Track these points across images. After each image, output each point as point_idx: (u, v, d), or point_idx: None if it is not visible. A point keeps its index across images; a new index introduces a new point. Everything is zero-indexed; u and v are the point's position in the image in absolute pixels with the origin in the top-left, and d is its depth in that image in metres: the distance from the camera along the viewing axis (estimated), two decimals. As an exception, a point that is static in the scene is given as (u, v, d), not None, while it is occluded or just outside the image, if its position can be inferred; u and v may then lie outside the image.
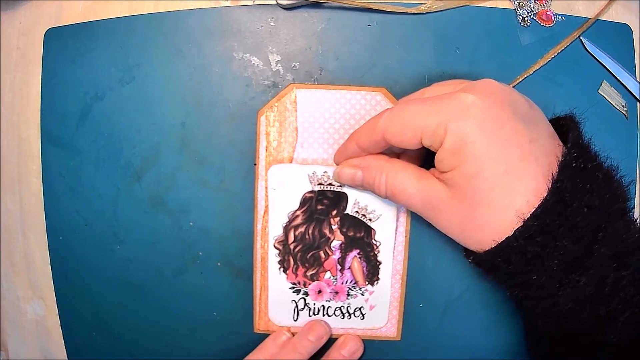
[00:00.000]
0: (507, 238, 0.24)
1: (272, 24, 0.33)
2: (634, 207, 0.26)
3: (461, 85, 0.26)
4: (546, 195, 0.23)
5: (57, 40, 0.34)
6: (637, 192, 0.34)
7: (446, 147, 0.24)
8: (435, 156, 0.25)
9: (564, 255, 0.23)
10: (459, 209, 0.25)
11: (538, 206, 0.23)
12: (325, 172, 0.33)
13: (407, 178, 0.27)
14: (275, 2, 0.32)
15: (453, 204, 0.25)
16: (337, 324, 0.34)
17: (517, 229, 0.23)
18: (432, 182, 0.26)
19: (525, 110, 0.25)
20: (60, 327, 0.36)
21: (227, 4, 0.33)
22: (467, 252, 0.27)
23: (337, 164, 0.32)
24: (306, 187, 0.33)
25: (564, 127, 0.26)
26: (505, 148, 0.24)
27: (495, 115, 0.24)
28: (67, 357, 0.36)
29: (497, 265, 0.25)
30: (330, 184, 0.33)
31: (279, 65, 0.33)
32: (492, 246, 0.24)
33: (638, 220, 0.25)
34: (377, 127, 0.27)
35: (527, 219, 0.23)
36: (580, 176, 0.23)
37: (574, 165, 0.23)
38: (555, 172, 0.23)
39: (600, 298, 0.23)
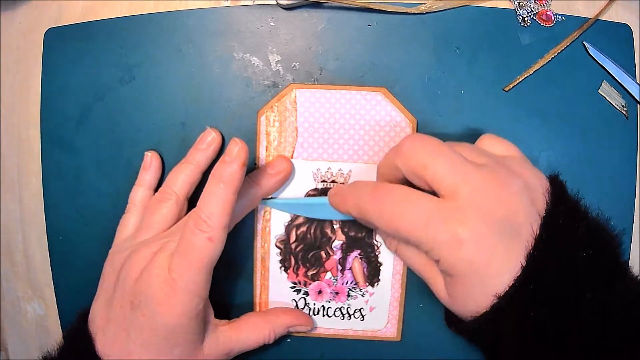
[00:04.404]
0: (482, 315, 0.24)
1: (272, 24, 0.33)
2: (619, 267, 0.25)
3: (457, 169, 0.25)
4: (511, 285, 0.23)
5: (57, 40, 0.34)
6: (637, 193, 0.34)
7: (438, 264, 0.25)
8: None
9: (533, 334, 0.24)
10: (443, 291, 0.27)
11: (505, 293, 0.23)
12: (329, 168, 0.33)
13: (410, 248, 0.28)
14: (275, 2, 0.32)
15: (439, 286, 0.27)
16: (336, 324, 0.34)
17: (492, 305, 0.24)
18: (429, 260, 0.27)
19: (523, 215, 0.24)
20: (60, 327, 0.36)
21: (227, 4, 0.33)
22: (447, 318, 0.29)
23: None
24: (310, 184, 0.33)
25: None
26: (495, 274, 0.24)
27: (487, 247, 0.23)
28: (67, 357, 0.36)
29: (473, 334, 0.27)
30: (333, 181, 0.33)
31: (279, 65, 0.33)
32: (469, 319, 0.25)
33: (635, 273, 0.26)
34: (383, 188, 0.26)
35: (494, 302, 0.24)
36: (550, 263, 0.23)
37: (544, 256, 0.23)
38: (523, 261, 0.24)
39: None
